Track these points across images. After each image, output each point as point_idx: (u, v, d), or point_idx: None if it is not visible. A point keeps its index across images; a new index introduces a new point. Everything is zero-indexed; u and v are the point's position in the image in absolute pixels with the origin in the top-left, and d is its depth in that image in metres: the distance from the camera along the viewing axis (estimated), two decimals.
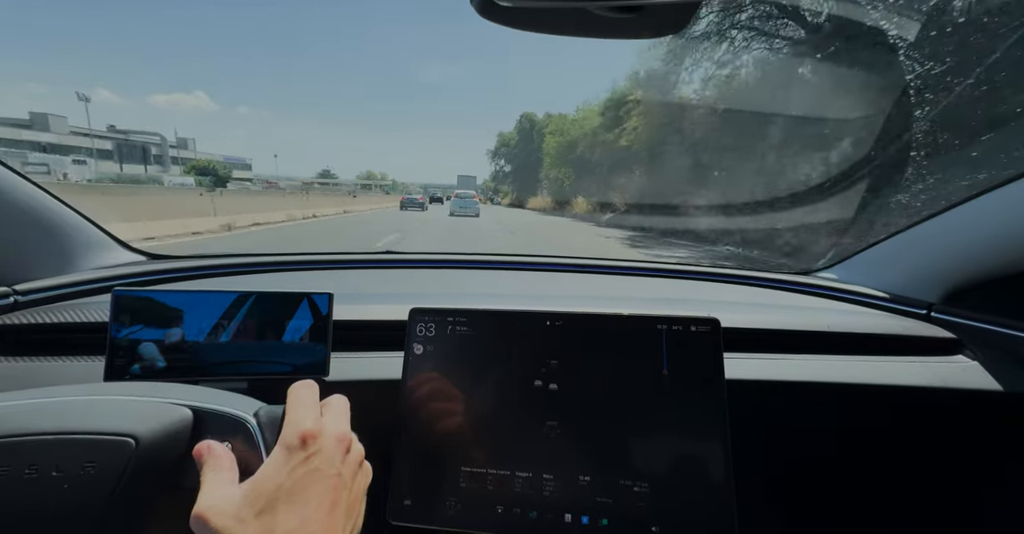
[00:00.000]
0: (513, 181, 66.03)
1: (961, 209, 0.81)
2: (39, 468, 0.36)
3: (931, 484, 0.83)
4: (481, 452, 0.54)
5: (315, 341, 0.60)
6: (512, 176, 66.01)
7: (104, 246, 0.91)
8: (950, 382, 0.73)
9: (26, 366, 0.63)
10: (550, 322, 0.57)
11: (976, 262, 0.79)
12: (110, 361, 0.55)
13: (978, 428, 0.79)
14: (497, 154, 68.33)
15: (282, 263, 1.06)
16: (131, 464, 0.37)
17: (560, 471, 0.52)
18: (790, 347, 0.78)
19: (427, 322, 0.58)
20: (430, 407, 0.55)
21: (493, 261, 1.19)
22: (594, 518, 0.51)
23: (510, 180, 67.38)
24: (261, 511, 0.34)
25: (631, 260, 1.21)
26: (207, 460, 0.38)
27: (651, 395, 0.54)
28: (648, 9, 0.34)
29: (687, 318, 0.55)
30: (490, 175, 79.86)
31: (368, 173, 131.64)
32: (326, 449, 0.38)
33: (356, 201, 28.74)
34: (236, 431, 0.41)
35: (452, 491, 0.53)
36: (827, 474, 0.82)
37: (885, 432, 0.80)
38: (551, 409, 0.54)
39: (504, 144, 66.77)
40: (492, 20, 0.36)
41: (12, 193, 0.73)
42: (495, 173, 71.11)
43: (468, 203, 23.62)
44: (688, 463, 0.52)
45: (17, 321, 0.67)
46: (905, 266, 0.94)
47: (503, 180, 70.40)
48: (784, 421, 0.77)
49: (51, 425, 0.37)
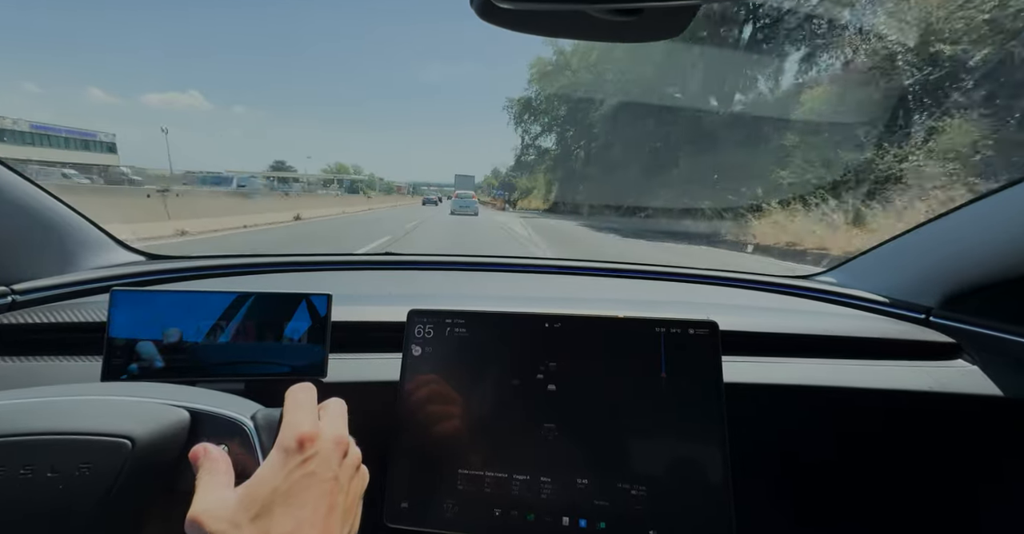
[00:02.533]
0: (557, 166, 32.30)
1: (960, 213, 0.81)
2: (34, 469, 0.35)
3: (930, 489, 0.83)
4: (478, 454, 0.54)
5: (313, 342, 0.60)
6: (553, 158, 32.64)
7: (103, 246, 0.91)
8: (949, 386, 0.73)
9: (24, 366, 0.63)
10: (548, 324, 0.57)
11: (975, 266, 0.79)
12: (107, 361, 0.55)
13: (978, 432, 0.79)
14: (522, 117, 32.29)
15: (281, 264, 1.06)
16: (127, 465, 0.37)
17: (558, 474, 0.52)
18: (789, 350, 0.78)
19: (425, 324, 0.58)
20: (428, 409, 0.55)
21: (492, 263, 1.19)
22: (592, 521, 0.51)
23: (547, 166, 33.96)
24: (257, 515, 0.34)
25: (629, 262, 1.21)
26: (203, 463, 0.38)
27: (649, 398, 0.53)
28: (648, 12, 0.34)
29: (686, 321, 0.55)
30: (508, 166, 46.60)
31: (338, 166, 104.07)
32: (323, 453, 0.38)
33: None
34: (233, 434, 0.41)
35: (449, 493, 0.53)
36: (825, 478, 0.82)
37: (884, 436, 0.80)
38: (549, 411, 0.54)
39: (539, 91, 29.93)
40: (492, 22, 0.36)
41: (11, 193, 0.73)
42: (522, 150, 34.85)
43: (468, 203, 24.41)
44: (686, 466, 0.51)
45: (15, 321, 0.67)
46: (904, 270, 0.94)
47: (528, 167, 36.02)
48: (782, 424, 0.77)
49: (47, 425, 0.37)
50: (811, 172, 9.64)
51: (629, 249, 9.91)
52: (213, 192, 16.62)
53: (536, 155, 35.32)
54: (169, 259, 1.00)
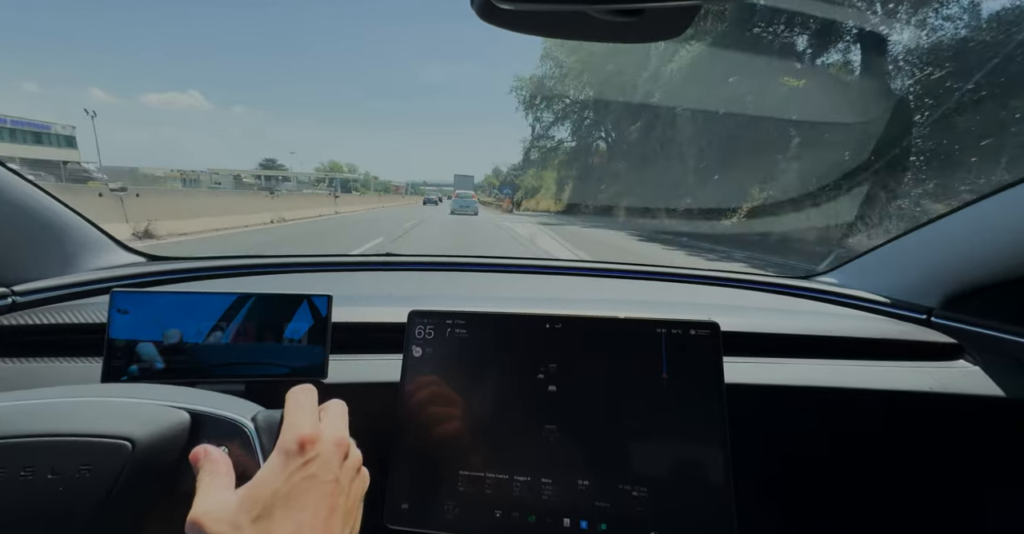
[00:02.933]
0: (573, 160, 26.86)
1: (961, 214, 0.81)
2: (34, 470, 0.35)
3: (931, 490, 0.82)
4: (479, 456, 0.53)
5: (314, 343, 0.60)
6: (569, 151, 27.10)
7: (103, 247, 0.91)
8: (951, 387, 0.73)
9: (24, 367, 0.63)
10: (549, 325, 0.57)
11: (977, 267, 0.79)
12: (107, 362, 0.55)
13: (979, 433, 0.78)
14: (533, 101, 27.49)
15: (282, 265, 1.06)
16: (127, 467, 0.37)
17: (559, 475, 0.52)
18: (790, 351, 0.77)
19: (426, 324, 0.58)
20: (428, 410, 0.55)
21: (492, 263, 1.19)
22: (593, 522, 0.50)
23: (560, 160, 28.40)
24: (258, 517, 0.33)
25: (630, 263, 1.21)
26: (203, 465, 0.38)
27: (650, 399, 0.53)
28: (648, 13, 0.34)
29: (687, 322, 0.55)
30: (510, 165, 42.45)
31: (332, 164, 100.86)
32: (324, 454, 0.38)
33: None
34: (233, 435, 0.41)
35: (450, 495, 0.52)
36: (827, 479, 0.82)
37: (885, 437, 0.80)
38: (550, 412, 0.54)
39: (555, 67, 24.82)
40: (492, 23, 0.36)
41: (11, 194, 0.73)
42: (531, 142, 30.06)
43: (467, 202, 24.75)
44: (687, 467, 0.51)
45: (15, 322, 0.67)
46: (905, 271, 0.94)
47: (539, 161, 30.59)
48: (784, 425, 0.77)
49: (47, 427, 0.37)
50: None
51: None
52: (185, 192, 15.25)
53: (549, 148, 29.33)
54: (169, 260, 1.00)
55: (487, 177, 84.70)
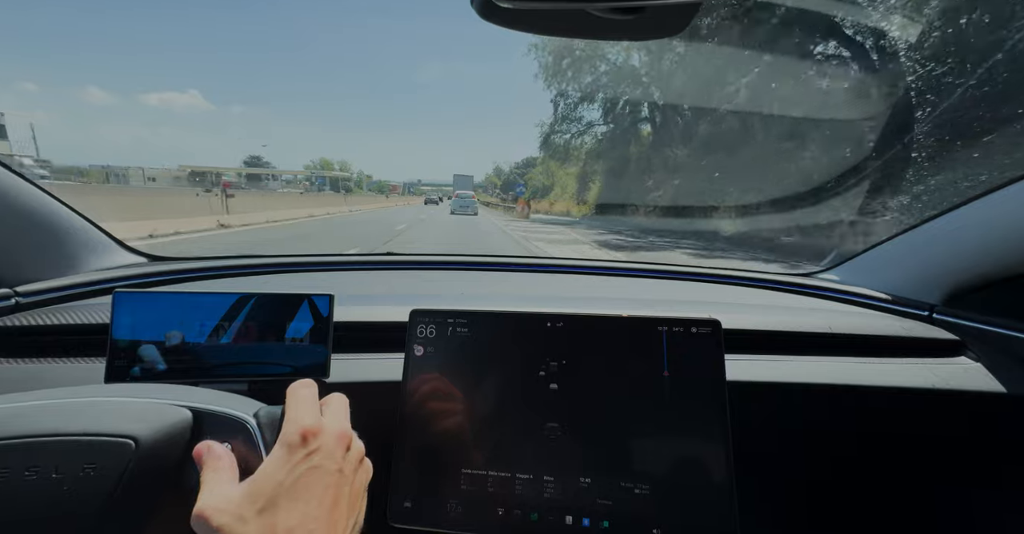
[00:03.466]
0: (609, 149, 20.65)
1: (963, 210, 0.81)
2: (39, 470, 0.36)
3: (933, 486, 0.82)
4: (482, 454, 0.54)
5: (316, 342, 0.60)
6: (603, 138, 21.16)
7: (105, 248, 0.91)
8: (952, 384, 0.73)
9: (27, 368, 0.63)
10: (551, 323, 0.57)
11: (979, 263, 0.79)
12: (111, 363, 0.55)
13: (981, 430, 0.78)
14: (558, 69, 19.71)
15: (283, 264, 1.06)
16: (131, 465, 0.37)
17: (561, 473, 0.52)
18: (791, 348, 0.77)
19: (428, 323, 0.58)
20: (430, 408, 0.55)
21: (493, 262, 1.19)
22: (595, 520, 0.51)
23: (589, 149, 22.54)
24: (262, 509, 0.34)
25: (631, 261, 1.21)
26: (207, 460, 0.38)
27: (652, 396, 0.53)
28: (648, 11, 0.34)
29: (688, 319, 0.55)
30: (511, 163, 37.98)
31: (322, 162, 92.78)
32: (326, 446, 0.38)
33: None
34: (236, 432, 0.41)
35: (453, 493, 0.53)
36: (827, 475, 0.82)
37: (887, 433, 0.80)
38: (552, 410, 0.54)
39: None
40: (492, 22, 0.36)
41: (13, 194, 0.73)
42: (552, 126, 22.62)
43: (467, 203, 24.77)
44: (689, 465, 0.51)
45: (18, 322, 0.67)
46: (907, 267, 0.94)
47: (562, 151, 23.78)
48: (785, 422, 0.77)
49: (51, 427, 0.37)
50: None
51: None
52: (121, 189, 13.32)
53: (575, 133, 21.89)
54: (171, 260, 1.00)
55: (488, 176, 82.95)
